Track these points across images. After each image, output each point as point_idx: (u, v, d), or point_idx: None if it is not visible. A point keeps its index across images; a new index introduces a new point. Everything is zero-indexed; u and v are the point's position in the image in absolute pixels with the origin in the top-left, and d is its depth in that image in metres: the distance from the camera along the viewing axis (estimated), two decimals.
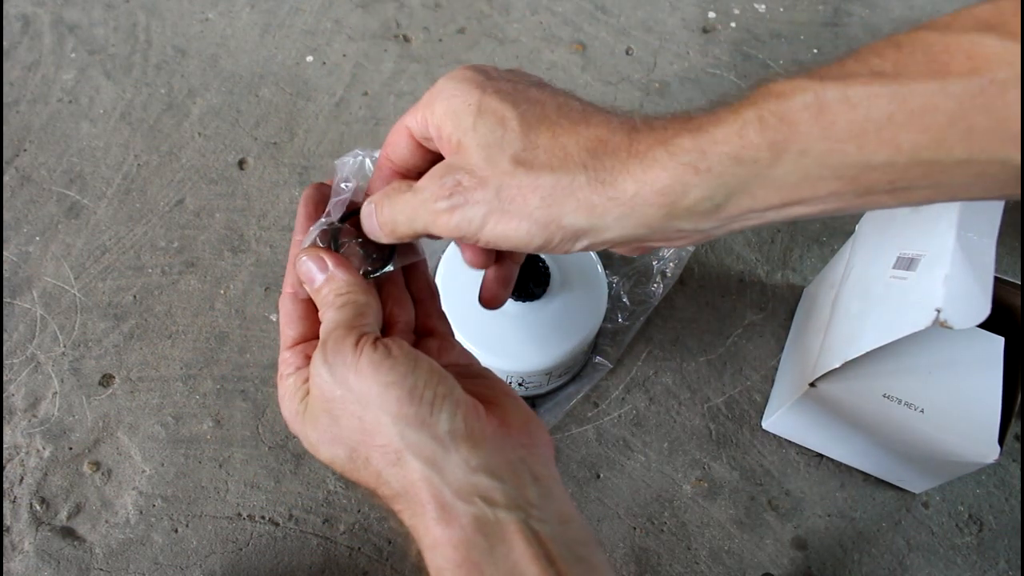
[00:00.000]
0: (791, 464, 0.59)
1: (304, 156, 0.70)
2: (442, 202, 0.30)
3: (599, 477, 0.58)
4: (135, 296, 0.63)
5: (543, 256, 0.52)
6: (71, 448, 0.58)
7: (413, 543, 0.31)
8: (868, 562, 0.56)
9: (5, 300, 0.62)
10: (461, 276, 0.54)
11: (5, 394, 0.59)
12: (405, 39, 0.77)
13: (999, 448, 0.46)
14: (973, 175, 0.24)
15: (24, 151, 0.69)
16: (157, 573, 0.54)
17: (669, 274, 0.62)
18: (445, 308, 0.53)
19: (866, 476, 0.58)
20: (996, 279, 0.50)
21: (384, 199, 0.34)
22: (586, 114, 0.30)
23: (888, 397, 0.48)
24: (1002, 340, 0.50)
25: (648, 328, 0.63)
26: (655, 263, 0.63)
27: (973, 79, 0.23)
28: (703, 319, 0.64)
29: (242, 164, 0.69)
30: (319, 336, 0.34)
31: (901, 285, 0.45)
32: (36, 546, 0.54)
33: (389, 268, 0.38)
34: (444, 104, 0.31)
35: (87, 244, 0.65)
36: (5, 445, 0.57)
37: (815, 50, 0.77)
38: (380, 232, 0.34)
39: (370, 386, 0.30)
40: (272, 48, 0.75)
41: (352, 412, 0.31)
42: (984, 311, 0.39)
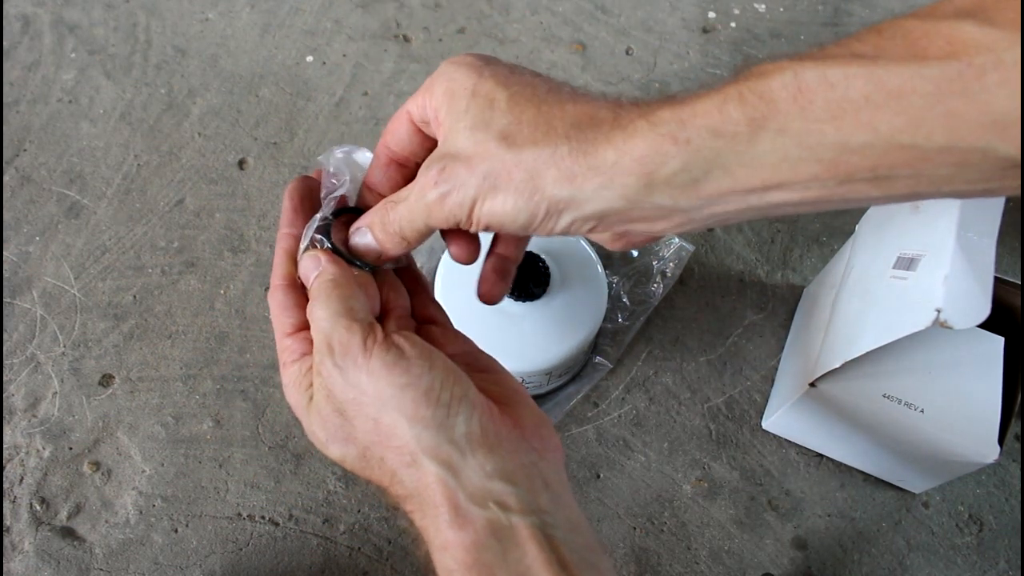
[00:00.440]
0: (791, 464, 0.59)
1: (304, 156, 0.70)
2: (432, 192, 0.31)
3: (599, 477, 0.58)
4: (135, 296, 0.63)
5: (543, 256, 0.52)
6: (71, 448, 0.58)
7: (422, 544, 0.31)
8: (868, 562, 0.56)
9: (5, 300, 0.62)
10: (461, 276, 0.54)
11: (5, 394, 0.59)
12: (405, 39, 0.77)
13: (999, 448, 0.46)
14: (954, 164, 0.24)
15: (24, 151, 0.69)
16: (157, 573, 0.54)
17: (669, 274, 0.62)
18: (445, 308, 0.53)
19: (866, 476, 0.58)
20: (996, 279, 0.50)
21: (379, 216, 0.34)
22: (575, 95, 0.30)
23: (888, 397, 0.48)
24: (1002, 340, 0.50)
25: (648, 328, 0.63)
26: (655, 263, 0.63)
27: (951, 63, 0.23)
28: (703, 319, 0.64)
29: (242, 164, 0.69)
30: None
31: (901, 285, 0.45)
32: (36, 546, 0.54)
33: (388, 265, 0.38)
34: (443, 86, 0.32)
35: (87, 244, 0.65)
36: (5, 445, 0.57)
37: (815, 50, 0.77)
38: (385, 246, 0.35)
39: (384, 388, 0.30)
40: (272, 48, 0.75)
41: (367, 414, 0.31)
42: (984, 311, 0.39)
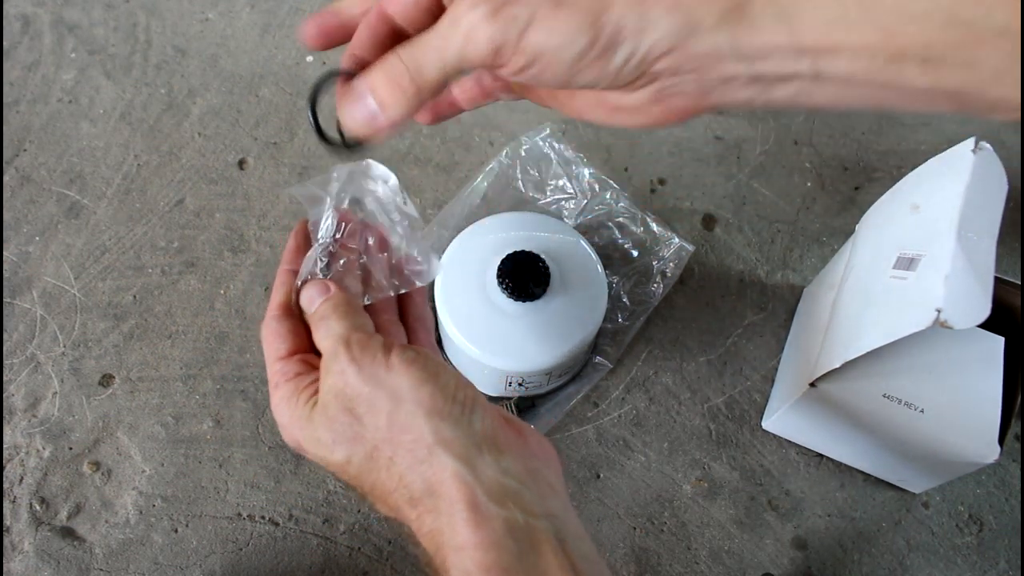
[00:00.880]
0: (791, 464, 0.59)
1: (304, 156, 0.70)
2: (478, 9, 0.27)
3: (599, 477, 0.58)
4: (135, 296, 0.63)
5: (543, 256, 0.52)
6: (71, 448, 0.58)
7: (423, 547, 0.30)
8: (868, 562, 0.56)
9: (5, 300, 0.62)
10: (461, 276, 0.54)
11: (5, 394, 0.59)
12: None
13: (999, 448, 0.46)
14: (1008, 53, 0.23)
15: (24, 151, 0.69)
16: (157, 573, 0.54)
17: (669, 274, 0.62)
18: (445, 308, 0.53)
19: (866, 476, 0.58)
20: (996, 279, 0.50)
21: (385, 67, 0.30)
22: None
23: (888, 397, 0.48)
24: (1002, 340, 0.50)
25: (648, 328, 0.63)
26: (655, 263, 0.63)
27: None
28: (703, 319, 0.64)
29: (242, 164, 0.69)
30: (315, 347, 0.34)
31: (901, 285, 0.45)
32: (36, 546, 0.54)
33: (389, 293, 0.38)
34: None
35: (87, 244, 0.65)
36: (5, 445, 0.57)
37: None
38: (388, 104, 0.30)
39: (403, 381, 0.31)
40: (272, 48, 0.75)
41: (380, 408, 0.31)
42: (984, 311, 0.39)
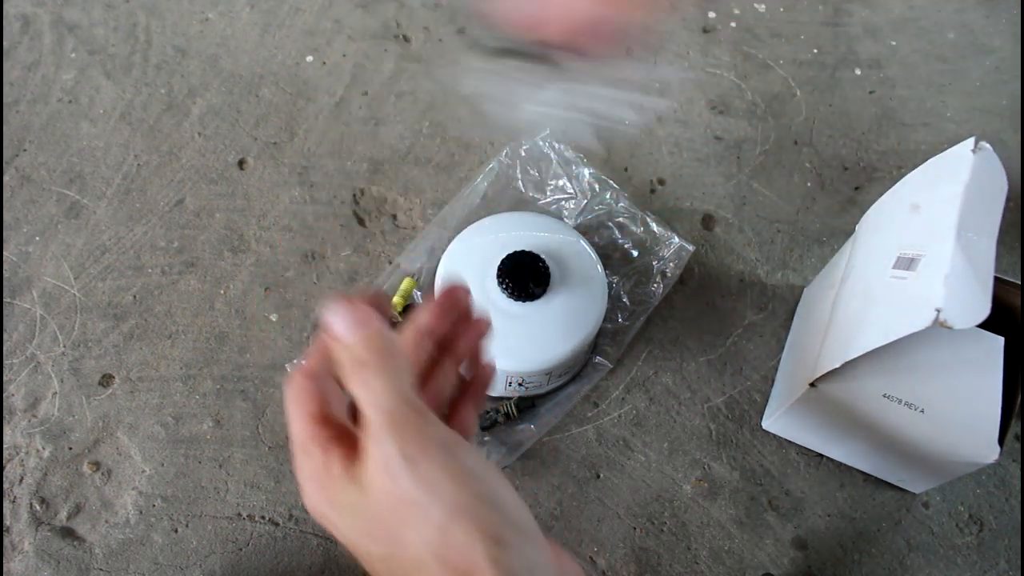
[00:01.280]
0: (791, 464, 0.59)
1: (304, 156, 0.70)
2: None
3: (599, 477, 0.58)
4: (135, 296, 0.63)
5: (543, 256, 0.52)
6: (71, 448, 0.58)
7: None
8: (868, 562, 0.56)
9: (5, 300, 0.62)
10: (462, 275, 0.54)
11: (5, 394, 0.59)
12: (405, 39, 0.77)
13: (999, 448, 0.46)
14: None
15: (24, 151, 0.69)
16: (157, 573, 0.54)
17: (669, 274, 0.62)
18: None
19: (866, 476, 0.58)
20: (996, 279, 0.50)
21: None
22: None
23: (888, 397, 0.48)
24: (1002, 340, 0.50)
25: (648, 328, 0.63)
26: (655, 263, 0.63)
27: None
28: (703, 319, 0.64)
29: (242, 164, 0.69)
30: (353, 409, 0.29)
31: (901, 285, 0.45)
32: (36, 546, 0.54)
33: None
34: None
35: (87, 244, 0.65)
36: (5, 445, 0.57)
37: (815, 49, 0.77)
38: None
39: (463, 494, 0.27)
40: (272, 48, 0.75)
41: (432, 519, 0.27)
42: (984, 311, 0.39)
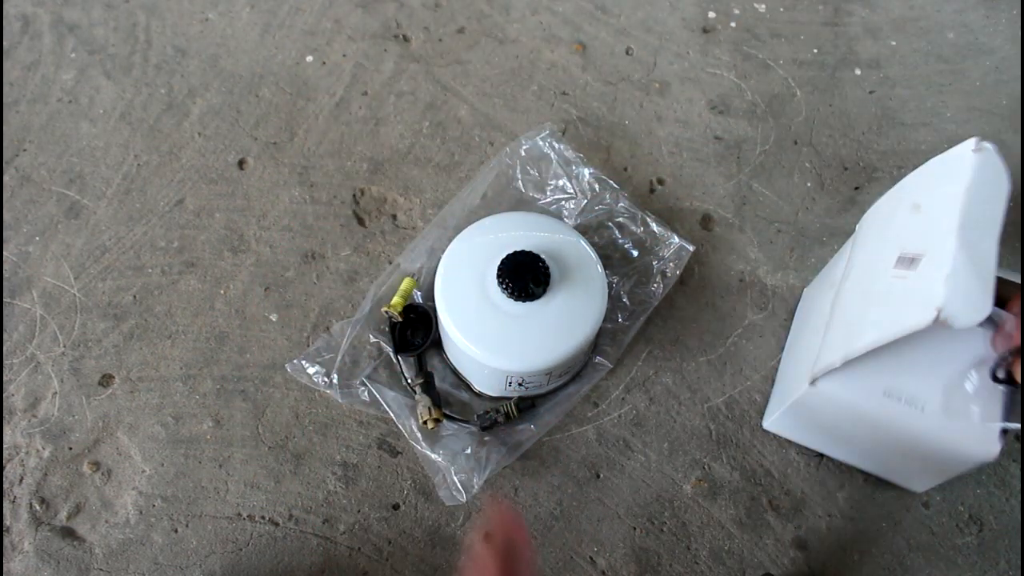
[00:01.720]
0: (791, 464, 0.59)
1: (304, 156, 0.70)
2: None
3: (599, 477, 0.58)
4: (135, 296, 0.63)
5: (543, 256, 0.52)
6: (71, 448, 0.58)
7: None
8: (868, 562, 0.56)
9: (5, 300, 0.62)
10: (462, 275, 0.54)
11: (5, 394, 0.59)
12: (405, 39, 0.77)
13: (1000, 445, 0.46)
14: None
15: (24, 151, 0.69)
16: (157, 573, 0.54)
17: (669, 274, 0.62)
18: (445, 308, 0.53)
19: (866, 476, 0.58)
20: (997, 278, 0.49)
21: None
22: None
23: (889, 395, 0.48)
24: None
25: (648, 328, 0.63)
26: (655, 263, 0.63)
27: None
28: (703, 319, 0.64)
29: (242, 164, 0.69)
30: None
31: (902, 284, 0.45)
32: (36, 546, 0.54)
33: None
34: None
35: (87, 244, 0.65)
36: (5, 445, 0.57)
37: (815, 49, 0.77)
38: None
39: None
40: (272, 48, 0.75)
41: None
42: (986, 310, 0.39)
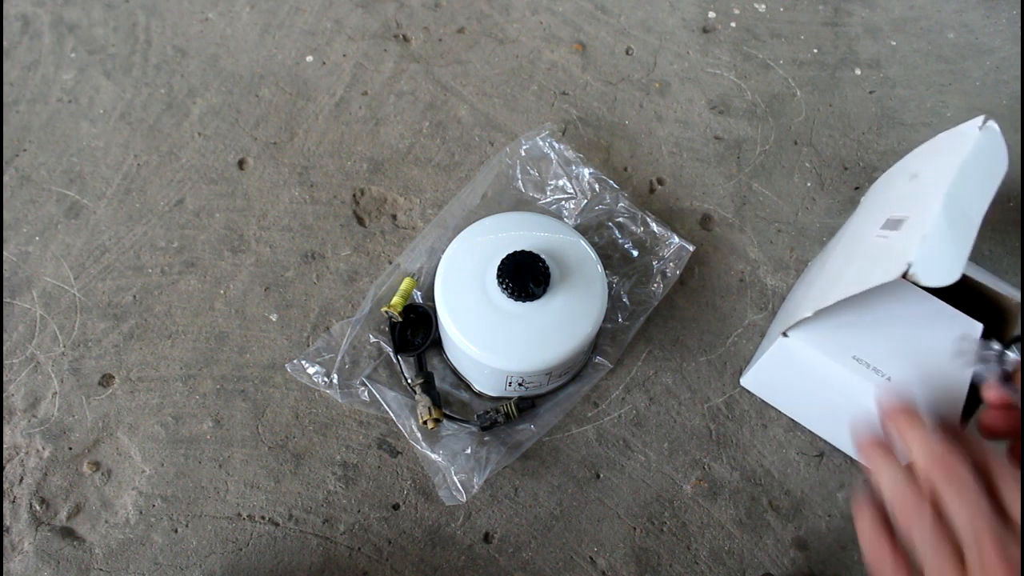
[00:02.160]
0: (791, 464, 0.59)
1: (304, 156, 0.70)
2: None
3: (599, 477, 0.58)
4: (135, 296, 0.63)
5: (543, 256, 0.52)
6: (71, 448, 0.58)
7: None
8: None
9: (5, 300, 0.62)
10: (462, 275, 0.54)
11: (5, 394, 0.59)
12: (405, 39, 0.77)
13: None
14: None
15: (24, 151, 0.69)
16: (157, 573, 0.54)
17: (669, 274, 0.62)
18: (445, 308, 0.53)
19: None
20: (996, 292, 0.49)
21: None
22: None
23: (858, 359, 0.49)
24: (981, 327, 0.50)
25: (648, 328, 0.63)
26: (655, 263, 0.63)
27: None
28: (703, 319, 0.64)
29: (242, 164, 0.69)
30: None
31: (883, 243, 0.45)
32: (36, 546, 0.54)
33: None
34: None
35: (87, 244, 0.65)
36: (5, 445, 0.57)
37: (815, 49, 0.77)
38: None
39: None
40: (272, 48, 0.75)
41: None
42: (955, 274, 0.39)
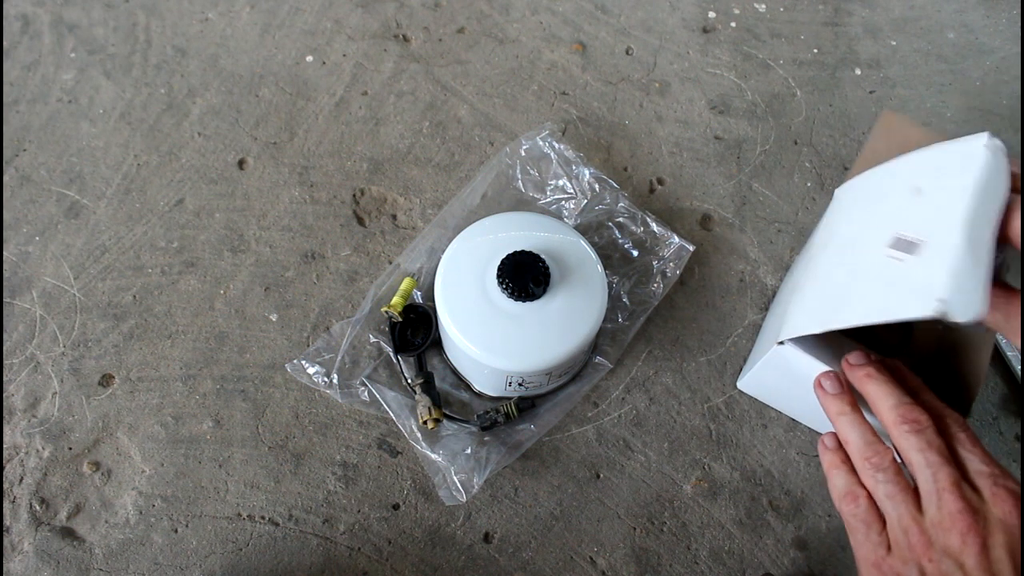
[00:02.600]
0: (791, 464, 0.59)
1: (304, 156, 0.70)
2: None
3: (599, 477, 0.58)
4: (135, 296, 0.63)
5: (543, 256, 0.52)
6: (71, 448, 0.58)
7: None
8: None
9: (5, 300, 0.62)
10: (462, 275, 0.54)
11: (5, 394, 0.59)
12: (405, 39, 0.77)
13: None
14: None
15: (24, 151, 0.69)
16: (157, 573, 0.54)
17: (669, 274, 0.62)
18: (445, 308, 0.53)
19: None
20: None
21: None
22: None
23: None
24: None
25: (648, 328, 0.63)
26: (655, 263, 0.63)
27: None
28: (703, 319, 0.64)
29: (242, 164, 0.69)
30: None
31: (899, 267, 0.44)
32: (36, 546, 0.54)
33: None
34: None
35: (87, 244, 0.65)
36: (5, 445, 0.57)
37: (815, 49, 0.77)
38: None
39: None
40: (272, 48, 0.75)
41: None
42: (983, 307, 0.39)
